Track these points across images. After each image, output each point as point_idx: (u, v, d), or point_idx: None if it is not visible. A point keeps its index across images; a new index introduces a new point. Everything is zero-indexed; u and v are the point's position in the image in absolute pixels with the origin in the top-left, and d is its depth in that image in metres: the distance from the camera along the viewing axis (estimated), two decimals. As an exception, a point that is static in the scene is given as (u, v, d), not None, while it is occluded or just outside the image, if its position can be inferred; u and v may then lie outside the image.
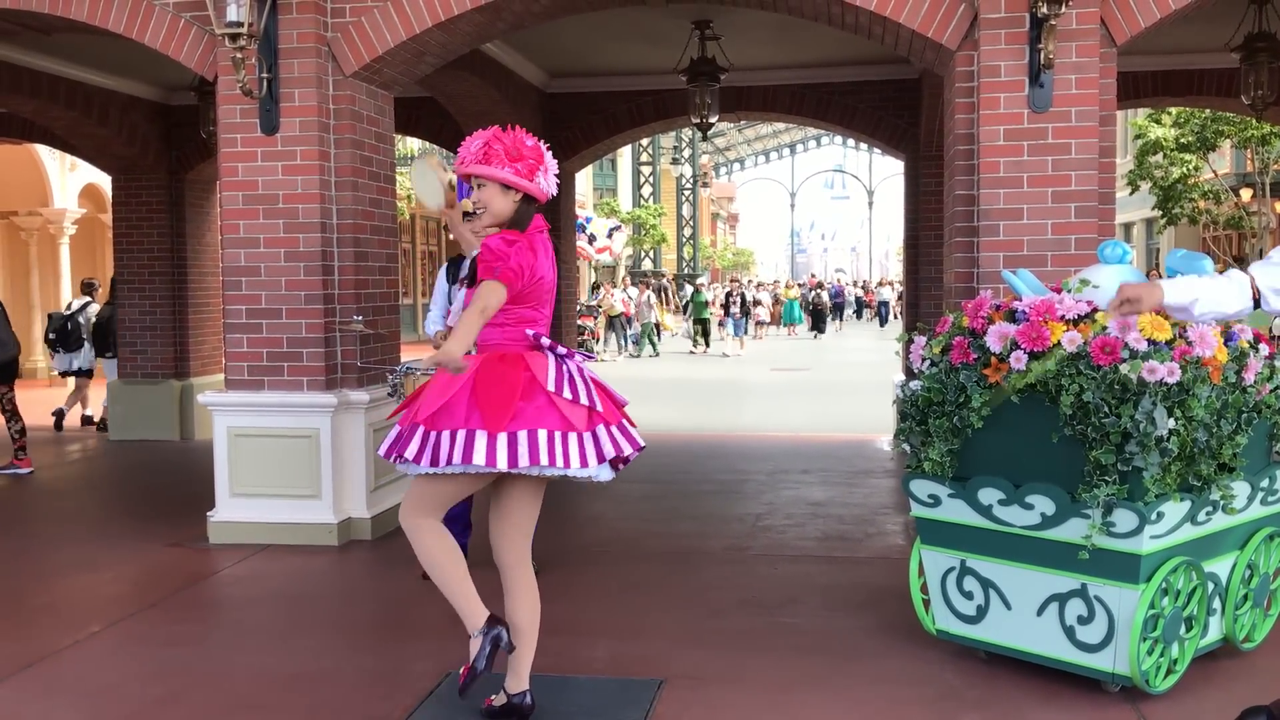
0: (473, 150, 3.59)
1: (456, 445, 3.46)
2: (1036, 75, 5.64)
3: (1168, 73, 9.74)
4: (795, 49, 9.56)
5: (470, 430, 3.47)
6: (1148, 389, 3.69)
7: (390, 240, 7.04)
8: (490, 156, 3.56)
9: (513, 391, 3.50)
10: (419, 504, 3.69)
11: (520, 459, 3.47)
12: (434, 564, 3.68)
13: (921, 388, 4.25)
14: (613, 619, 5.08)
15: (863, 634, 4.77)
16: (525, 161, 3.58)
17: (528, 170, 3.59)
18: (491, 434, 3.46)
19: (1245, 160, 20.65)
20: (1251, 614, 4.41)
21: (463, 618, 3.68)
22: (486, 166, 3.56)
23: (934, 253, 9.62)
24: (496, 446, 3.45)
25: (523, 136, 3.63)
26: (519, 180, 3.58)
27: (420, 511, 3.68)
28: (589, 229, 30.65)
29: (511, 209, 3.62)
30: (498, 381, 3.51)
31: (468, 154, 3.60)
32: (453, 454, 3.46)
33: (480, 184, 3.60)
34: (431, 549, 3.68)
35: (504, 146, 3.57)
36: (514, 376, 3.53)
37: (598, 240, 31.75)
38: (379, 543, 6.53)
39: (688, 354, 26.61)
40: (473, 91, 9.10)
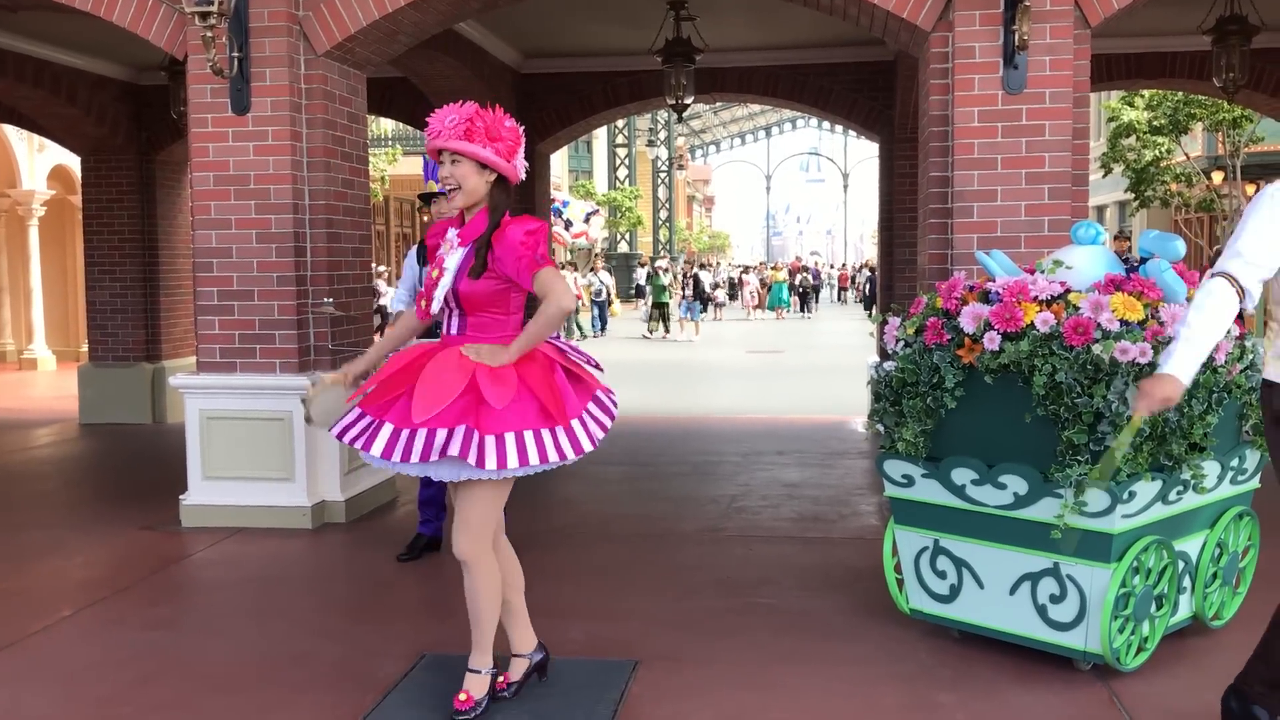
0: (449, 124, 3.51)
1: (560, 442, 3.44)
2: (1011, 56, 5.65)
3: (1140, 55, 9.78)
4: (770, 30, 9.54)
5: (565, 425, 3.46)
6: (1120, 369, 3.71)
7: (363, 221, 7.00)
8: (472, 133, 3.50)
9: (558, 383, 3.51)
10: (486, 529, 3.60)
11: (584, 445, 3.51)
12: (491, 600, 3.65)
13: (895, 369, 4.26)
14: (587, 601, 5.08)
15: (837, 614, 4.79)
16: (504, 142, 3.53)
17: (507, 151, 3.54)
18: (567, 425, 3.48)
19: (1217, 143, 20.76)
20: (1221, 592, 4.45)
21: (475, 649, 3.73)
22: (468, 143, 3.50)
23: (908, 234, 9.65)
24: (578, 436, 3.49)
25: (502, 116, 3.58)
26: (498, 160, 3.52)
27: (488, 536, 3.62)
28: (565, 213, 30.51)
29: (485, 189, 3.58)
30: (545, 378, 3.49)
31: (443, 127, 3.52)
32: (558, 449, 3.43)
33: (455, 159, 3.53)
34: (493, 585, 3.65)
35: (485, 124, 3.51)
36: (548, 368, 3.53)
37: (574, 225, 31.62)
38: (353, 525, 6.50)
39: (640, 339, 25.55)
40: (446, 72, 9.03)
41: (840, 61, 10.29)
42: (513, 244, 3.46)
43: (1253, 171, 21.26)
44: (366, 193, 7.08)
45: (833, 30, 8.95)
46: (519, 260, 3.45)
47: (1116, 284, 3.93)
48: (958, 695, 3.90)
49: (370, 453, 3.48)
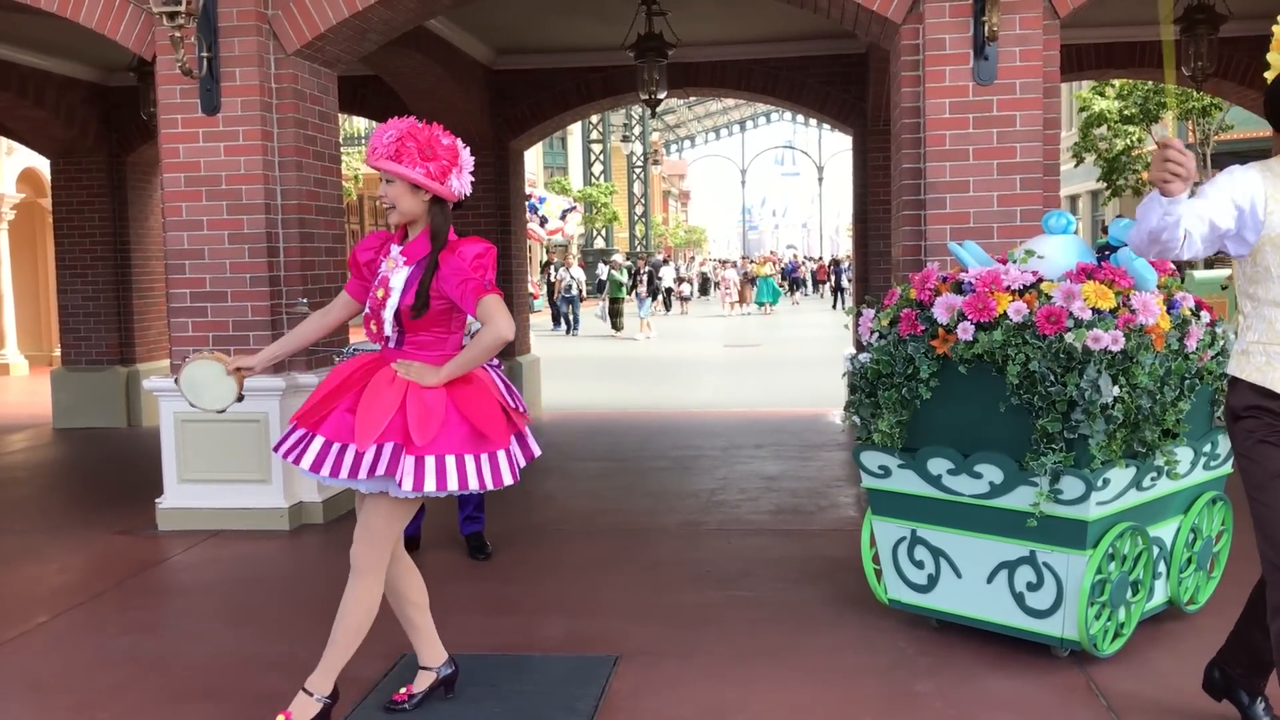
0: (384, 141, 3.41)
1: (482, 468, 3.39)
2: (981, 48, 5.67)
3: (1110, 45, 9.84)
4: (743, 24, 9.54)
5: (490, 452, 3.41)
6: (1092, 357, 3.73)
7: (336, 221, 6.96)
8: (402, 154, 3.39)
9: (495, 410, 3.46)
10: (388, 540, 3.53)
11: (504, 477, 3.45)
12: (360, 622, 3.59)
13: (870, 360, 4.28)
14: (567, 596, 5.08)
15: (816, 605, 4.80)
16: (438, 162, 3.41)
17: (439, 171, 3.40)
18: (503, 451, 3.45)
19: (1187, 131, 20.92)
20: (1195, 577, 4.49)
21: (321, 670, 3.63)
22: (396, 164, 3.39)
23: (883, 226, 9.67)
24: (500, 466, 3.44)
25: (438, 135, 3.44)
26: (428, 182, 3.40)
27: (389, 549, 3.56)
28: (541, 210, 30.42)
29: (421, 209, 3.46)
30: (479, 401, 3.42)
31: (379, 144, 3.43)
32: (481, 477, 3.39)
33: (389, 179, 3.43)
34: (369, 606, 3.59)
35: (417, 144, 3.39)
36: (484, 393, 3.46)
37: (549, 222, 31.51)
38: (331, 526, 6.48)
39: (607, 337, 24.77)
40: (418, 69, 9.00)
41: (813, 55, 10.31)
42: (460, 266, 3.37)
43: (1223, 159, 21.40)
44: (339, 192, 7.05)
45: (805, 24, 8.96)
46: (465, 284, 3.37)
47: (1088, 273, 3.95)
48: (936, 684, 3.91)
49: (300, 467, 3.46)
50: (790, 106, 11.40)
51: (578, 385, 14.32)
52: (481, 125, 10.19)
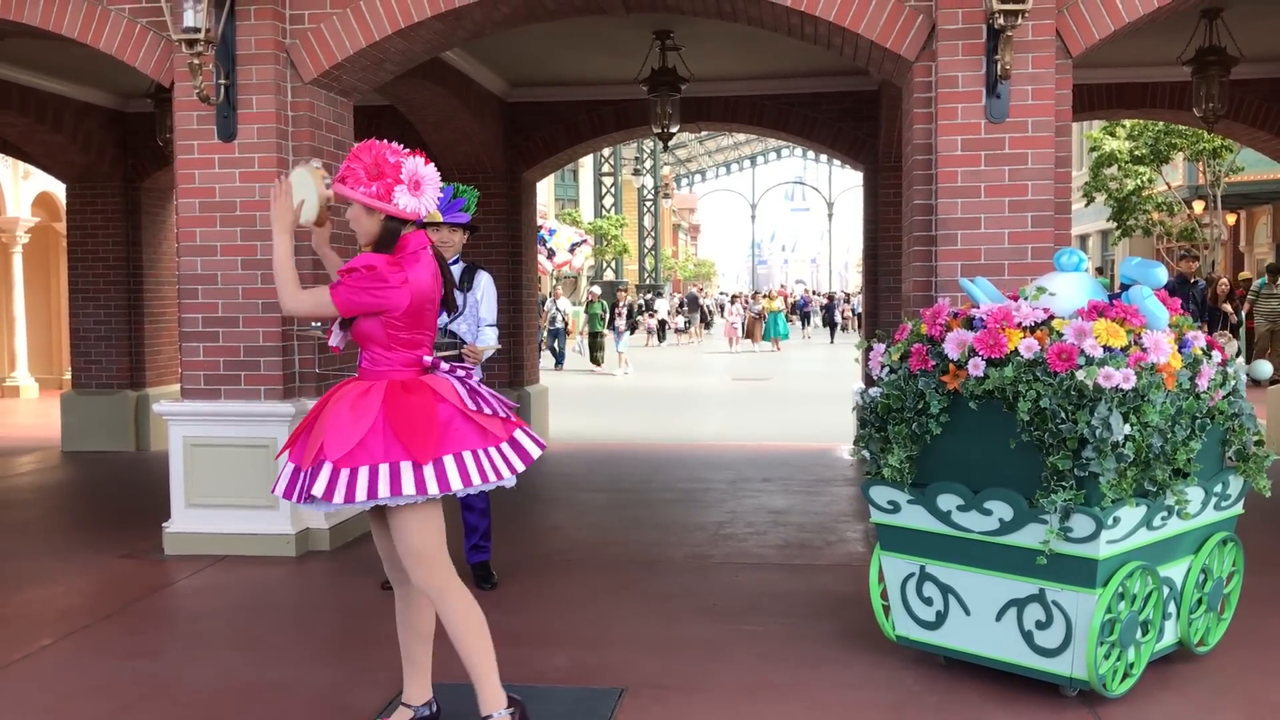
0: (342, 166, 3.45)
1: (381, 479, 3.33)
2: (993, 86, 5.70)
3: (1122, 85, 9.88)
4: (756, 60, 9.61)
5: (394, 463, 3.34)
6: (1104, 395, 3.73)
7: (349, 248, 6.99)
8: (347, 176, 3.39)
9: (431, 420, 3.39)
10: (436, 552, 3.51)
11: (452, 483, 3.38)
12: (475, 629, 3.55)
13: (881, 395, 4.27)
14: (573, 628, 5.06)
15: (823, 641, 4.77)
16: (382, 181, 3.36)
17: (383, 191, 3.36)
18: (420, 464, 3.35)
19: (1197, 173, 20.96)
20: (1205, 618, 4.46)
21: (480, 692, 3.56)
22: (343, 186, 3.40)
23: (893, 262, 9.69)
24: (424, 476, 3.35)
25: (384, 152, 3.39)
26: (373, 201, 3.36)
27: (443, 560, 3.53)
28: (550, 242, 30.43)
29: (378, 229, 3.44)
30: (410, 412, 3.38)
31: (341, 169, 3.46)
32: (376, 488, 3.33)
33: (347, 204, 3.44)
34: (470, 613, 3.54)
35: (363, 165, 3.37)
36: (424, 404, 3.41)
37: (557, 255, 31.47)
38: (337, 553, 6.47)
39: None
40: (433, 100, 9.07)
41: (825, 91, 10.37)
42: (358, 266, 3.40)
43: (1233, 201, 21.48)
44: (352, 219, 7.08)
45: (818, 60, 9.02)
46: (344, 274, 3.43)
47: (1100, 310, 3.96)
48: (944, 722, 3.89)
49: (275, 493, 3.52)
50: (802, 142, 11.46)
51: (584, 417, 14.32)
52: (495, 156, 10.26)
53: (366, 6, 6.35)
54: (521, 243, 10.66)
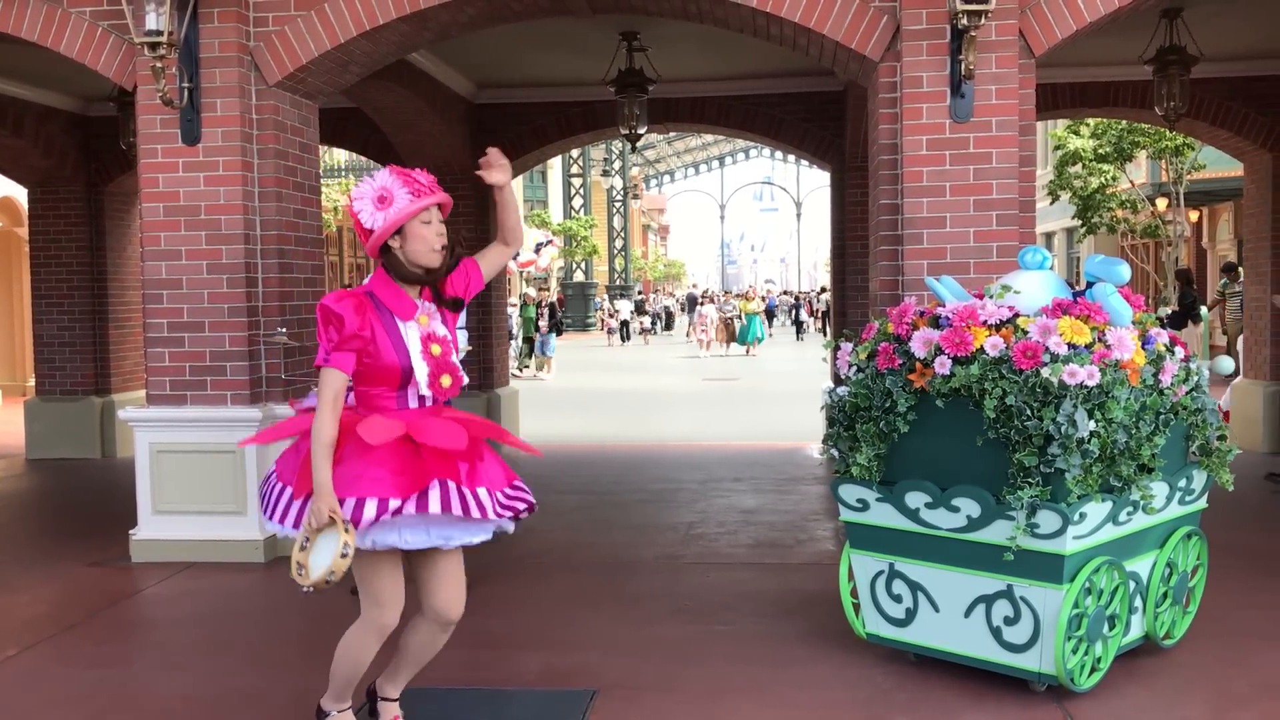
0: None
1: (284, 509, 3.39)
2: (958, 86, 5.74)
3: (1084, 84, 9.96)
4: (723, 61, 9.63)
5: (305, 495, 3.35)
6: (1069, 392, 3.76)
7: (316, 252, 6.96)
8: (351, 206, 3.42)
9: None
10: None
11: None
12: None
13: (849, 393, 4.29)
14: (545, 630, 5.05)
15: (794, 639, 4.79)
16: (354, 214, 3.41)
17: (355, 223, 3.41)
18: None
19: (1160, 170, 21.17)
20: (1171, 611, 4.51)
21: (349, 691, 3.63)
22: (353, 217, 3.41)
23: (860, 261, 9.73)
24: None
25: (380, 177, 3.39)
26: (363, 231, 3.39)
27: None
28: None
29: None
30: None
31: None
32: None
33: None
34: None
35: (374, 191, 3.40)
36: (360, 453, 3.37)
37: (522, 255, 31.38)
38: (307, 559, 6.42)
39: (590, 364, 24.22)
40: (399, 102, 9.03)
41: (792, 92, 10.40)
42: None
43: (1195, 198, 21.71)
44: (319, 223, 7.05)
45: (784, 61, 9.04)
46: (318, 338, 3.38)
47: (1064, 308, 3.99)
48: (914, 718, 3.91)
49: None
50: (769, 142, 11.49)
51: (554, 419, 14.30)
52: (462, 158, 10.22)
53: (331, 9, 6.32)
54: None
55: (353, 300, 3.32)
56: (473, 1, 6.32)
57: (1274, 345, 9.87)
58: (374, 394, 3.39)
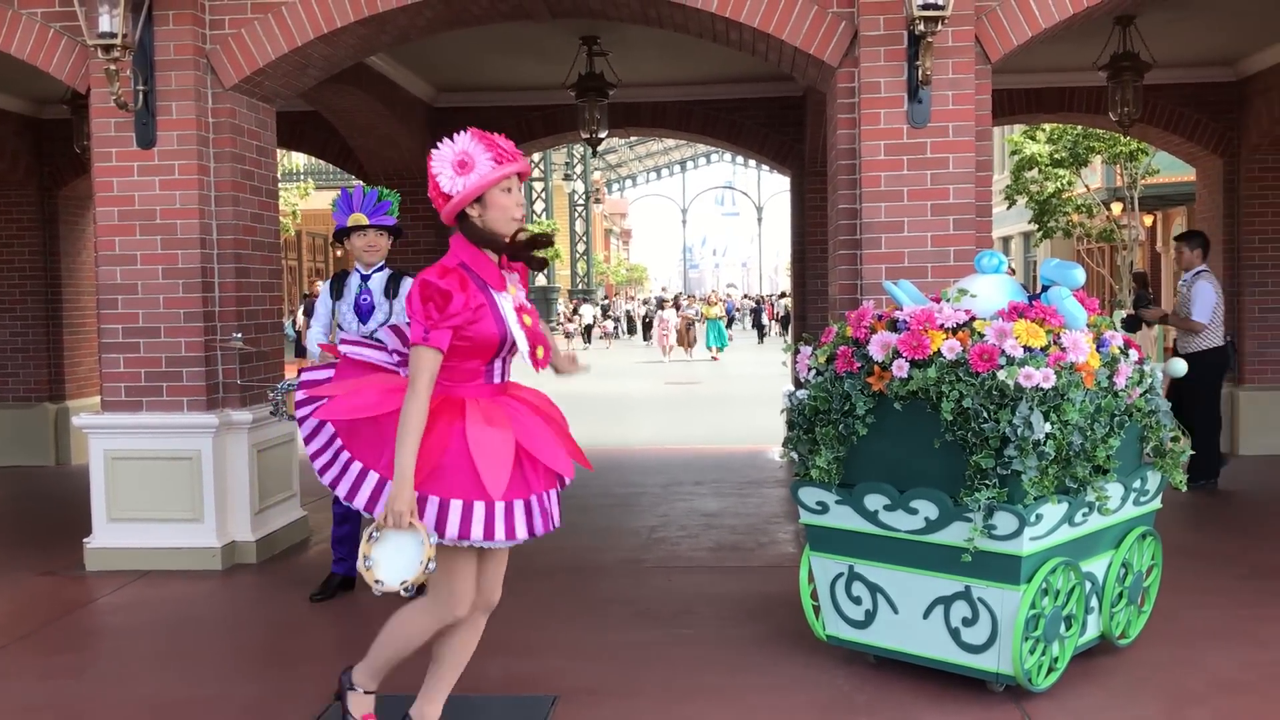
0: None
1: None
2: (915, 91, 5.78)
3: (1040, 90, 10.08)
4: (683, 66, 9.65)
5: None
6: (1024, 394, 3.80)
7: (273, 256, 6.90)
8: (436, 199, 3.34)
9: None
10: None
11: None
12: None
13: (808, 397, 4.31)
14: (506, 636, 5.02)
15: (755, 643, 4.80)
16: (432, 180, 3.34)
17: (433, 189, 3.33)
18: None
19: (1115, 175, 21.45)
20: (1127, 611, 4.56)
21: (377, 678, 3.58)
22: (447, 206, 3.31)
23: (820, 265, 9.79)
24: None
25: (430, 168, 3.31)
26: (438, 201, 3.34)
27: None
28: None
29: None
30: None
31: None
32: None
33: None
34: None
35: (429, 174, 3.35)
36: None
37: None
38: (264, 566, 6.36)
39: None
40: (357, 105, 8.98)
41: (752, 97, 10.44)
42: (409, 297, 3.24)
43: (1150, 203, 22.02)
44: (277, 227, 6.99)
45: (744, 66, 9.08)
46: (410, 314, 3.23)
47: (1019, 311, 4.03)
48: (874, 720, 3.93)
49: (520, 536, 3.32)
50: (729, 147, 11.54)
51: (518, 423, 14.22)
52: (421, 162, 10.08)
53: (288, 11, 6.27)
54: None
55: (456, 275, 3.18)
56: (431, 5, 6.30)
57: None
58: (463, 368, 3.26)
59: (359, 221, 5.49)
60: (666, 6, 6.25)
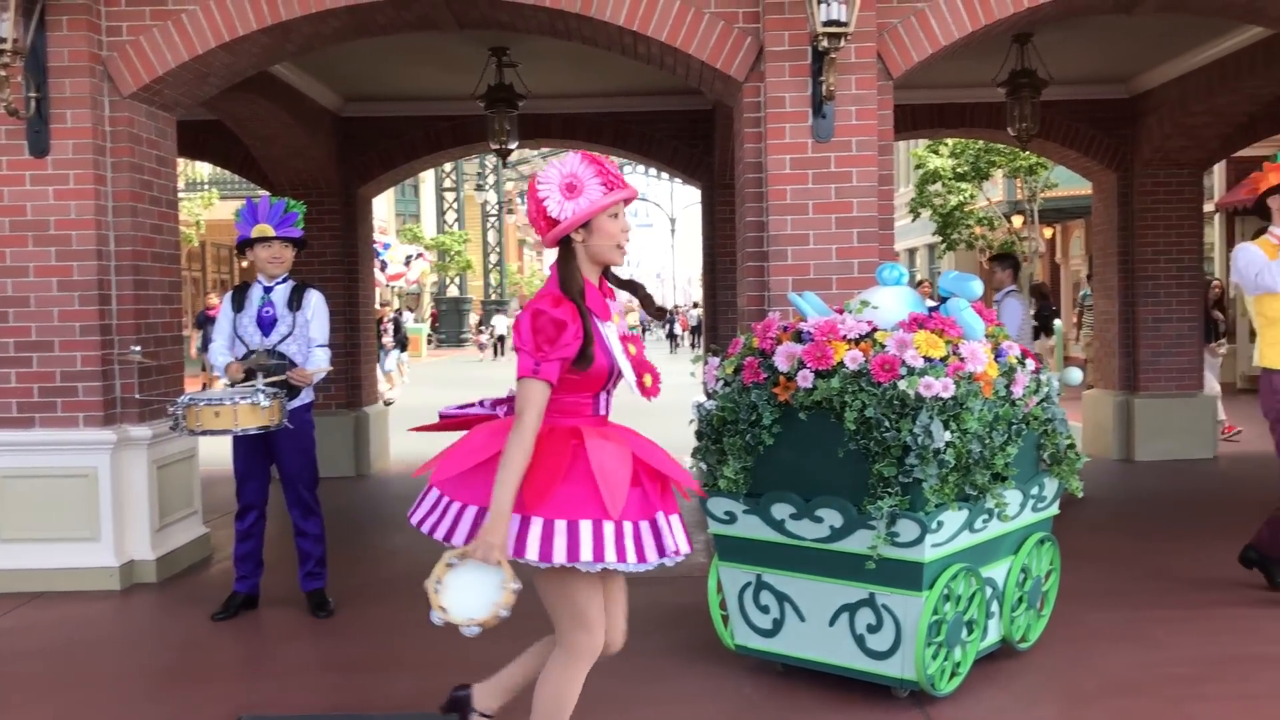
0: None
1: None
2: (819, 106, 5.87)
3: (942, 105, 10.30)
4: (594, 78, 9.67)
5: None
6: (925, 404, 3.87)
7: (173, 268, 6.74)
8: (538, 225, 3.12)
9: None
10: None
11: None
12: None
13: (716, 407, 4.35)
14: (415, 652, 4.97)
15: (664, 654, 4.81)
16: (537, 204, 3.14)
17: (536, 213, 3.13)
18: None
19: (1016, 189, 21.99)
20: (1026, 615, 4.67)
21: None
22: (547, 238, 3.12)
23: (730, 277, 9.87)
24: None
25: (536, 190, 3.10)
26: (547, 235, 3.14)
27: None
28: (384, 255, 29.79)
29: None
30: None
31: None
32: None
33: None
34: None
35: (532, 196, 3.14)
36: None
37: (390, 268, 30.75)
38: (165, 585, 6.20)
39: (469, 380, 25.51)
40: (262, 114, 8.82)
41: (662, 110, 10.49)
42: (518, 327, 3.03)
43: (1049, 215, 22.60)
44: (177, 238, 6.84)
45: (655, 79, 9.12)
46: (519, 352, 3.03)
47: (919, 322, 4.11)
48: (782, 728, 3.96)
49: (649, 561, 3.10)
50: (641, 159, 11.58)
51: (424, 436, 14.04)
52: (329, 172, 10.05)
53: (189, 19, 6.15)
54: (358, 259, 10.45)
55: (570, 306, 3.02)
56: (336, 14, 6.23)
57: (1122, 356, 10.33)
58: (570, 401, 3.09)
59: (264, 233, 5.40)
60: (575, 20, 6.27)
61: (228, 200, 24.70)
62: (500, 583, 2.86)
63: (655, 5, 6.05)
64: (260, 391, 5.09)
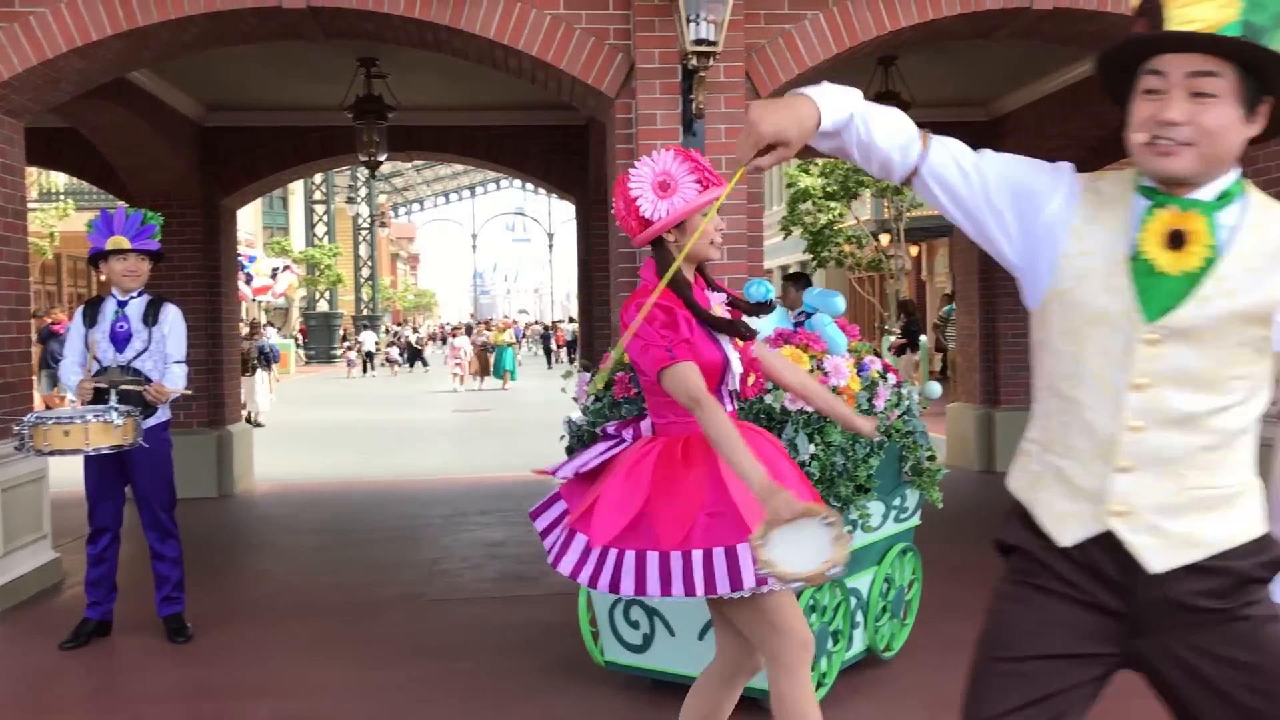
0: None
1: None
2: (689, 124, 5.93)
3: (811, 125, 10.49)
4: (466, 91, 9.60)
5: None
6: (790, 417, 3.92)
7: (20, 281, 6.44)
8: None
9: None
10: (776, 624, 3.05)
11: None
12: None
13: (587, 422, 4.33)
14: (278, 677, 4.83)
15: (534, 672, 4.77)
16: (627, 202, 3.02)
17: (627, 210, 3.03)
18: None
19: (883, 208, 22.57)
20: (890, 624, 4.76)
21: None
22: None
23: (604, 292, 9.88)
24: None
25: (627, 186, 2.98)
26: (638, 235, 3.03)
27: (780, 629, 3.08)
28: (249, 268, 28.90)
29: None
30: None
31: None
32: None
33: None
34: None
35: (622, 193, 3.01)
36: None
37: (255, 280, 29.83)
38: (10, 614, 5.90)
39: (337, 398, 25.20)
40: (119, 122, 8.52)
41: (537, 124, 10.47)
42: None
43: (915, 234, 23.25)
44: (25, 250, 6.54)
45: (528, 94, 9.10)
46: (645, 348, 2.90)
47: (785, 338, 4.17)
48: (651, 744, 3.96)
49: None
50: (516, 174, 11.55)
51: (293, 456, 13.76)
52: (190, 182, 9.74)
53: (38, 22, 5.90)
54: (220, 273, 10.14)
55: (672, 298, 2.91)
56: (196, 21, 6.05)
57: (983, 370, 10.66)
58: (681, 405, 2.88)
59: (120, 245, 5.20)
60: (445, 32, 6.21)
61: (84, 211, 23.76)
62: (818, 525, 2.54)
63: (526, 20, 6.03)
64: (113, 409, 4.89)
